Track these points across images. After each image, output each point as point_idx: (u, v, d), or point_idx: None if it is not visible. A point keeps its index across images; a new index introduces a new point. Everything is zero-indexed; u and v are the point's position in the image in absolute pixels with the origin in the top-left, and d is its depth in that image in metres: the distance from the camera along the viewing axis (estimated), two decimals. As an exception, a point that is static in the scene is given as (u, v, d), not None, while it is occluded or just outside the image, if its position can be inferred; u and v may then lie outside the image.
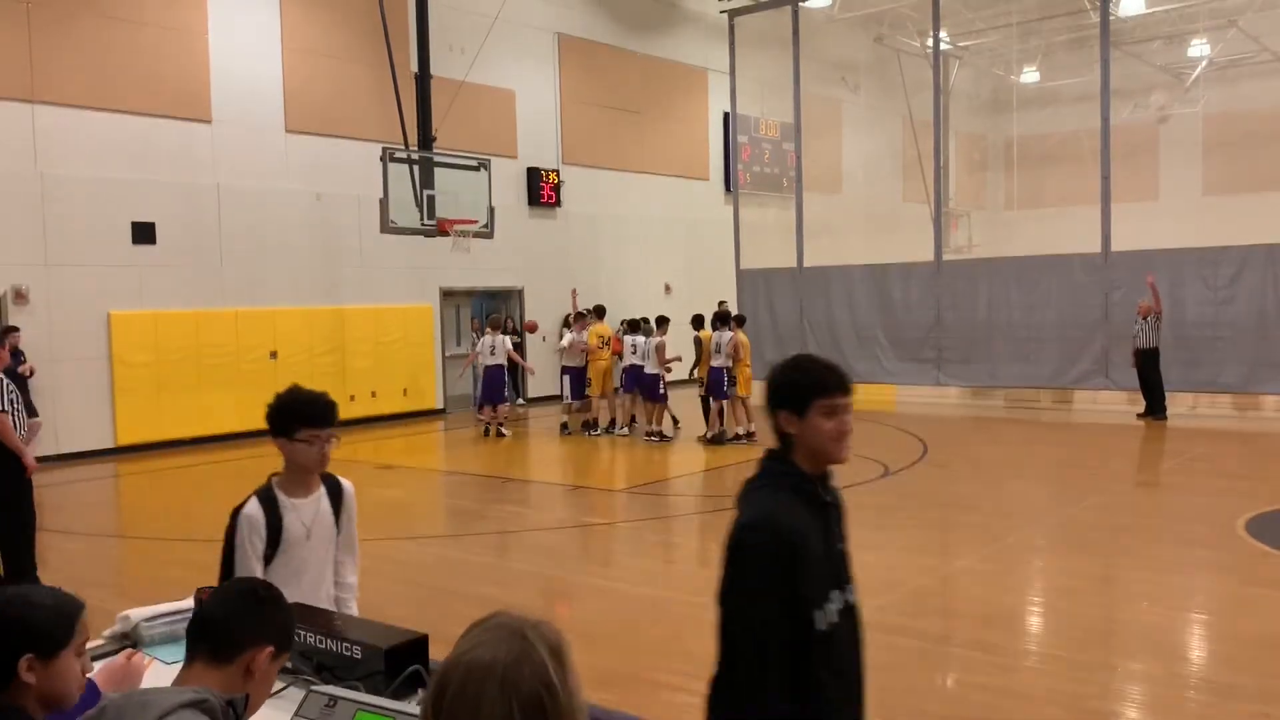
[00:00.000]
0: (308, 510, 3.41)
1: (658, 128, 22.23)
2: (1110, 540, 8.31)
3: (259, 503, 3.34)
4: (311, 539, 3.39)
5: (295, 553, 3.34)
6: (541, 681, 1.36)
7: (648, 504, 10.42)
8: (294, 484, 3.41)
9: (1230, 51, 23.93)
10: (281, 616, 2.12)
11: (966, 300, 17.77)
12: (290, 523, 3.35)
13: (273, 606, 2.12)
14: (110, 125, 14.14)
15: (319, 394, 3.45)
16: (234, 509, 3.39)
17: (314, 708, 2.24)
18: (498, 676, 1.35)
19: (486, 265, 18.21)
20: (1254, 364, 15.40)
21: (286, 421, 3.35)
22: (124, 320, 14.20)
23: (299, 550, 3.35)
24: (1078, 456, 12.68)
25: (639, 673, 5.34)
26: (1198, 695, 5.15)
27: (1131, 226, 17.22)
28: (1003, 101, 27.47)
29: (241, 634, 2.03)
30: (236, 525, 3.32)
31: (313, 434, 3.34)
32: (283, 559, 3.34)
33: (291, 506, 3.37)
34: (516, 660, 1.37)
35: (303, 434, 3.33)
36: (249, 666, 2.02)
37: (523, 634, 1.40)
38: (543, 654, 1.38)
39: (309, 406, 3.39)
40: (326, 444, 3.37)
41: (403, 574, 7.87)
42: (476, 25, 17.73)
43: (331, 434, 3.38)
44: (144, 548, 8.91)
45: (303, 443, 3.33)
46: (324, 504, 3.47)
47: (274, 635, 2.08)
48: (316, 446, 3.35)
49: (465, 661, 1.38)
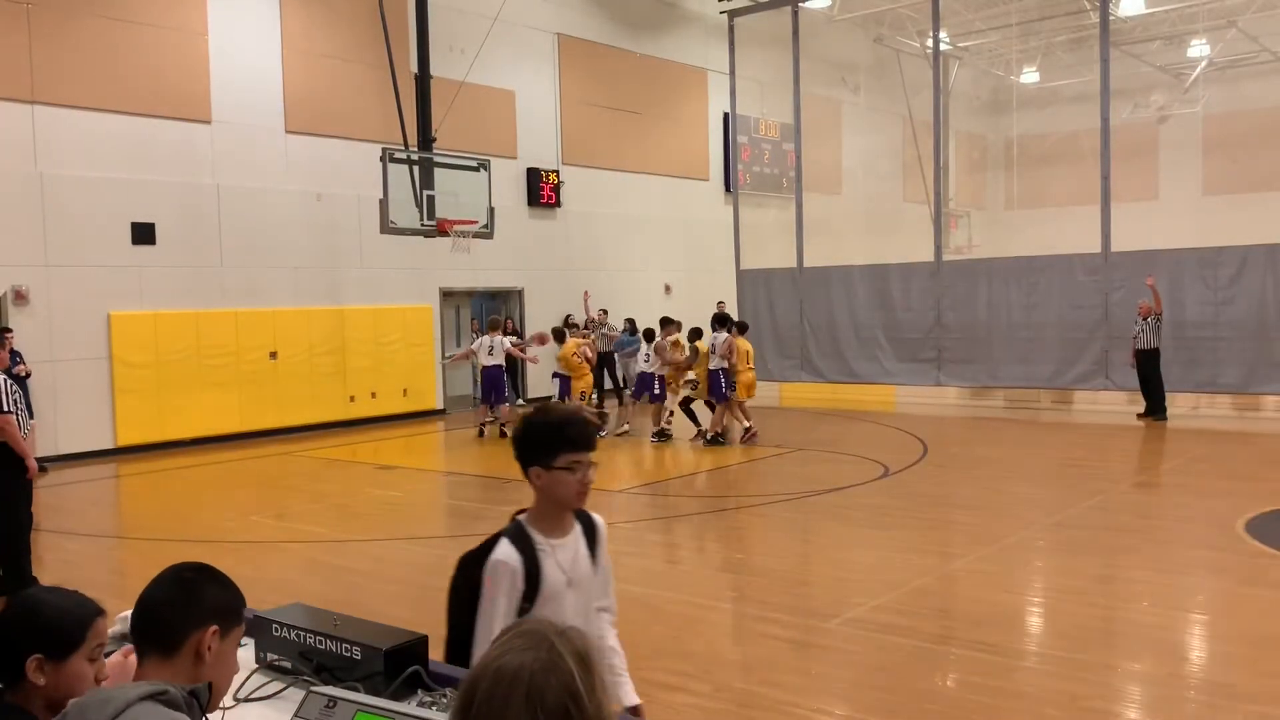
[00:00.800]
0: (566, 553, 2.83)
1: (658, 128, 22.23)
2: (1110, 540, 8.31)
3: (514, 547, 2.75)
4: (572, 587, 2.82)
5: (553, 605, 2.75)
6: (568, 691, 1.35)
7: (647, 504, 10.42)
8: (549, 522, 2.82)
9: (1230, 52, 23.96)
10: (215, 590, 2.04)
11: (966, 300, 17.77)
12: (549, 569, 2.77)
13: (203, 584, 2.03)
14: (110, 126, 14.14)
15: (574, 411, 2.87)
16: (466, 557, 2.86)
17: (313, 709, 2.24)
18: (524, 685, 1.35)
19: (486, 266, 18.22)
20: (1254, 364, 15.41)
21: (543, 447, 2.75)
22: (124, 321, 14.21)
23: (558, 602, 2.77)
24: (1078, 457, 12.68)
25: (638, 673, 5.34)
26: (1197, 695, 5.15)
27: (1131, 226, 17.23)
28: (1002, 102, 27.49)
29: (179, 621, 1.96)
30: (487, 576, 2.72)
31: (574, 459, 2.74)
32: (535, 614, 2.70)
33: (549, 550, 2.79)
34: (544, 669, 1.36)
35: (562, 460, 2.72)
36: (197, 651, 1.96)
37: (550, 642, 1.40)
38: (570, 663, 1.38)
39: (568, 427, 2.77)
40: (589, 471, 2.77)
41: (403, 574, 7.87)
42: (476, 26, 17.73)
43: (593, 460, 2.79)
44: (144, 548, 8.91)
45: (563, 471, 2.73)
46: (581, 545, 2.90)
47: (213, 613, 2.00)
48: (579, 474, 2.75)
49: (493, 669, 1.38)
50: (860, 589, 7.04)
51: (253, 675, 2.63)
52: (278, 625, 2.71)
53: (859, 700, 5.23)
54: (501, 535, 2.78)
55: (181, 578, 2.03)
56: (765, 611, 6.67)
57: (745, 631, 6.49)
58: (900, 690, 5.24)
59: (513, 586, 2.69)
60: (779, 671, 5.60)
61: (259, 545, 8.91)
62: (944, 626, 6.36)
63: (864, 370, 18.53)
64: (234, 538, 9.11)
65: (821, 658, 5.90)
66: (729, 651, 6.14)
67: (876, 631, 6.13)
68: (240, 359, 15.32)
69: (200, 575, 2.05)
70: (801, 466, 12.42)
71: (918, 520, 9.28)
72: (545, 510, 2.81)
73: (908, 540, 8.49)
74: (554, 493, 2.76)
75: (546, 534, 2.80)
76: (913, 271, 18.41)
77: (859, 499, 10.20)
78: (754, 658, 5.91)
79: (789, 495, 10.46)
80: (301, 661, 2.63)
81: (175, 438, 14.59)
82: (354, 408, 16.71)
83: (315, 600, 3.95)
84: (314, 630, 2.66)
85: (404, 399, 17.49)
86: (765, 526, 9.36)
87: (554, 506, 2.80)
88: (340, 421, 16.43)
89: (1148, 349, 15.16)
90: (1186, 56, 25.00)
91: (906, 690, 5.22)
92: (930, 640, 6.01)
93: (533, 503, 2.82)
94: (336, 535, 9.32)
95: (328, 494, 11.11)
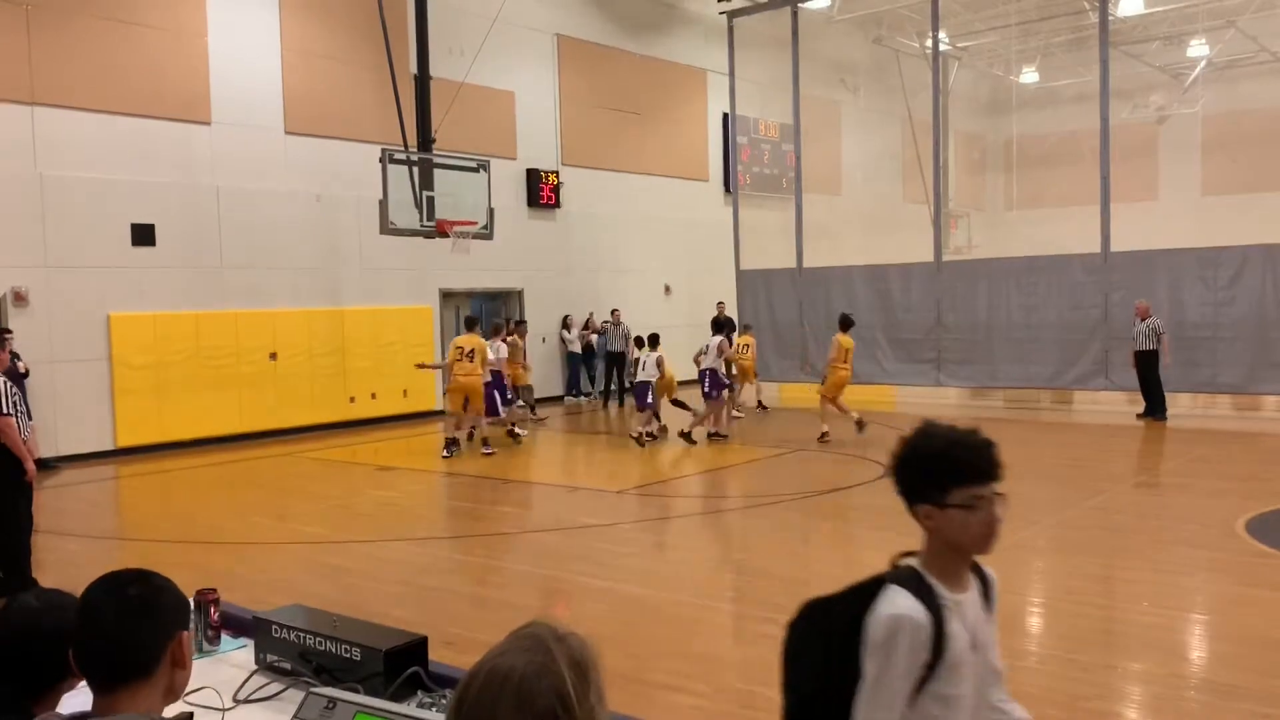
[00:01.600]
0: (970, 611, 2.26)
1: (657, 129, 22.23)
2: (1110, 540, 8.31)
3: (918, 600, 2.17)
4: (975, 650, 2.25)
5: (955, 675, 2.18)
6: (557, 695, 1.35)
7: (647, 505, 10.42)
8: (947, 572, 2.25)
9: (1229, 52, 23.97)
10: (168, 599, 1.96)
11: (966, 301, 17.78)
12: (956, 631, 2.19)
13: (155, 596, 1.95)
14: (110, 127, 14.14)
15: (974, 434, 2.28)
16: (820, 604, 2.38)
17: (313, 710, 2.24)
18: (514, 687, 1.34)
19: (486, 266, 18.22)
20: (1254, 364, 15.40)
21: (930, 480, 2.23)
22: (124, 322, 14.21)
23: (960, 672, 2.20)
24: (1078, 457, 12.68)
25: (638, 674, 5.34)
26: (1198, 695, 5.15)
27: (1131, 227, 17.23)
28: (1002, 102, 27.50)
29: (151, 643, 1.90)
30: (881, 635, 2.15)
31: (978, 494, 2.18)
32: (935, 685, 2.17)
33: (953, 606, 2.21)
34: (536, 672, 1.36)
35: (958, 496, 2.18)
36: (173, 660, 1.92)
37: (547, 646, 1.39)
38: (562, 668, 1.37)
39: (969, 453, 2.23)
40: (996, 506, 2.19)
41: (402, 575, 7.87)
42: (476, 26, 17.73)
43: (1000, 492, 2.21)
44: (144, 550, 8.91)
45: (962, 509, 2.18)
46: (979, 600, 2.32)
47: (176, 621, 1.95)
48: (982, 512, 2.18)
49: (487, 669, 1.38)
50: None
51: (252, 676, 2.64)
52: (277, 626, 2.71)
53: (859, 701, 5.22)
54: (890, 581, 2.22)
55: (131, 599, 1.92)
56: (766, 612, 6.66)
57: (746, 632, 6.49)
58: (900, 691, 5.23)
59: (916, 651, 2.13)
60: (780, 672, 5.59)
61: (259, 546, 8.91)
62: (944, 627, 6.35)
63: (864, 371, 18.50)
64: (234, 538, 9.11)
65: (822, 658, 5.88)
66: (730, 652, 6.13)
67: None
68: (240, 360, 15.32)
69: (147, 588, 1.95)
70: (802, 467, 12.42)
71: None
72: (941, 556, 2.25)
73: (908, 541, 8.45)
74: (951, 536, 2.21)
75: (947, 586, 2.23)
76: (912, 272, 18.41)
77: (859, 499, 10.20)
78: (755, 658, 5.90)
79: (790, 496, 10.46)
80: (301, 663, 2.63)
81: (175, 439, 14.59)
82: (354, 409, 16.71)
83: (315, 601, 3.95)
84: (314, 631, 2.66)
85: (404, 400, 17.48)
86: (766, 527, 9.36)
87: (953, 552, 2.25)
88: (340, 422, 16.42)
89: (1146, 350, 15.17)
90: (1186, 57, 25.00)
91: (907, 691, 5.22)
92: (930, 641, 6.01)
93: (923, 545, 2.28)
94: (336, 536, 9.33)
95: (328, 495, 11.11)
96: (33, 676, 2.11)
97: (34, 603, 2.21)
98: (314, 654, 2.63)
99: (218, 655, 2.85)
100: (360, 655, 2.56)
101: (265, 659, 2.71)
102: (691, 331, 21.91)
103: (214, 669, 2.71)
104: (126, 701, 1.86)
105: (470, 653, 5.23)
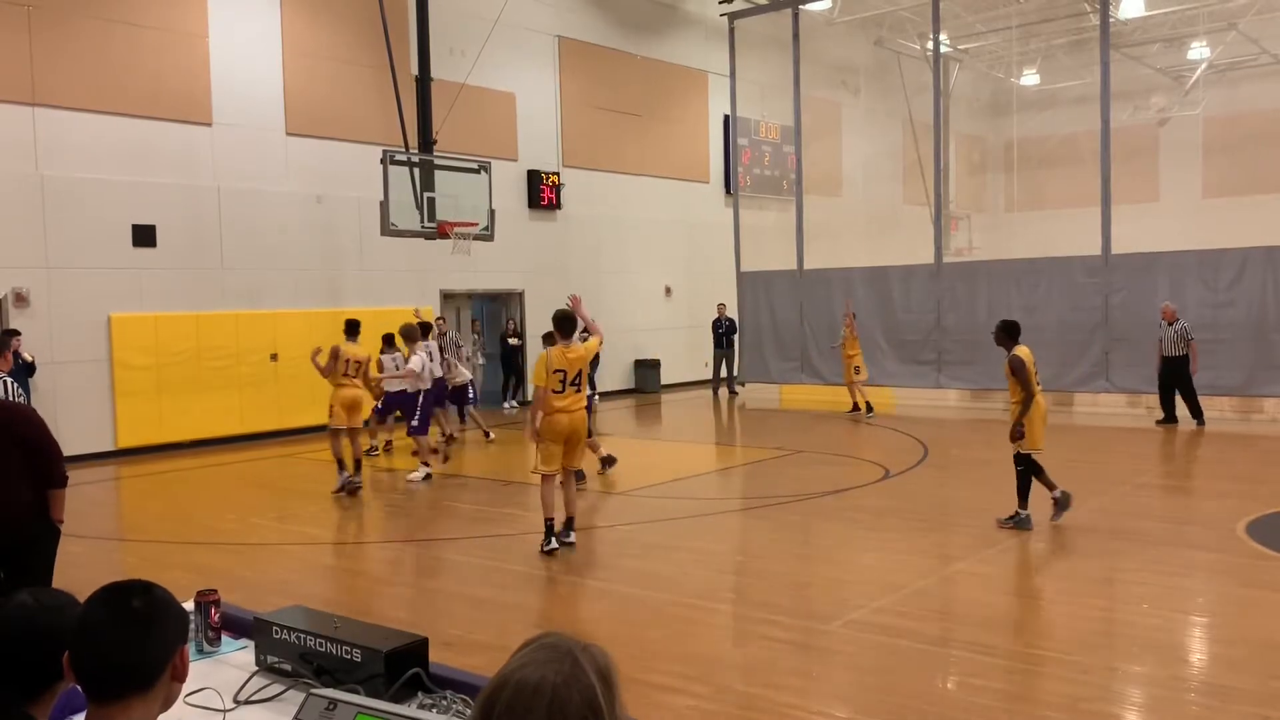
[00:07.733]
0: None
1: (658, 130, 22.24)
2: (1110, 542, 8.31)
3: None
4: None
5: None
6: (589, 706, 1.35)
7: (647, 506, 10.41)
8: None
9: (1230, 54, 23.99)
10: (173, 609, 1.95)
11: (966, 302, 17.78)
12: None
13: (158, 610, 1.93)
14: (111, 128, 14.14)
15: None
16: None
17: (314, 711, 2.24)
18: (546, 698, 1.34)
19: (487, 268, 18.23)
20: (1254, 366, 15.41)
21: None
22: (124, 323, 14.21)
23: None
24: (1077, 459, 12.66)
25: (638, 675, 5.34)
26: (1198, 698, 5.15)
27: (1131, 229, 17.24)
28: (1003, 104, 27.50)
29: (154, 657, 1.90)
30: None
31: None
32: None
33: None
34: (565, 683, 1.36)
35: None
36: (173, 672, 1.93)
37: (573, 656, 1.39)
38: (591, 678, 1.37)
39: None
40: None
41: (402, 576, 7.87)
42: (477, 28, 17.74)
43: None
44: (144, 550, 8.92)
45: None
46: None
47: (178, 634, 1.95)
48: None
49: (514, 680, 1.37)
50: (861, 591, 7.03)
51: (253, 678, 2.64)
52: (278, 628, 2.71)
53: (860, 702, 5.22)
54: None
55: (135, 612, 1.90)
56: (766, 613, 6.66)
57: (746, 633, 6.49)
58: (901, 692, 5.24)
59: None
60: (780, 673, 5.60)
61: (259, 547, 8.91)
62: (945, 629, 6.36)
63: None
64: (235, 539, 9.11)
65: (822, 660, 5.89)
66: (730, 653, 6.13)
67: (877, 634, 6.12)
68: (241, 361, 15.32)
69: (150, 601, 1.93)
70: (802, 468, 12.41)
71: (918, 522, 9.28)
72: None
73: (908, 542, 8.49)
74: None
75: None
76: (913, 274, 18.41)
77: (859, 501, 10.20)
78: (755, 660, 5.90)
79: (789, 497, 10.46)
80: (302, 664, 2.63)
81: (176, 440, 14.60)
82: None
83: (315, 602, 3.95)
84: (314, 633, 2.65)
85: (404, 401, 17.44)
86: (766, 528, 9.36)
87: None
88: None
89: (1174, 356, 14.65)
90: (1186, 59, 25.03)
91: (907, 692, 5.22)
92: (931, 642, 6.01)
93: None
94: (337, 537, 9.32)
95: (328, 496, 11.11)
96: (29, 677, 2.10)
97: (31, 602, 2.20)
98: (314, 655, 2.63)
99: (218, 656, 2.85)
100: (361, 656, 2.56)
101: (266, 660, 2.71)
102: (692, 333, 21.95)
103: (214, 670, 2.71)
104: (123, 713, 1.86)
105: (470, 654, 5.24)
